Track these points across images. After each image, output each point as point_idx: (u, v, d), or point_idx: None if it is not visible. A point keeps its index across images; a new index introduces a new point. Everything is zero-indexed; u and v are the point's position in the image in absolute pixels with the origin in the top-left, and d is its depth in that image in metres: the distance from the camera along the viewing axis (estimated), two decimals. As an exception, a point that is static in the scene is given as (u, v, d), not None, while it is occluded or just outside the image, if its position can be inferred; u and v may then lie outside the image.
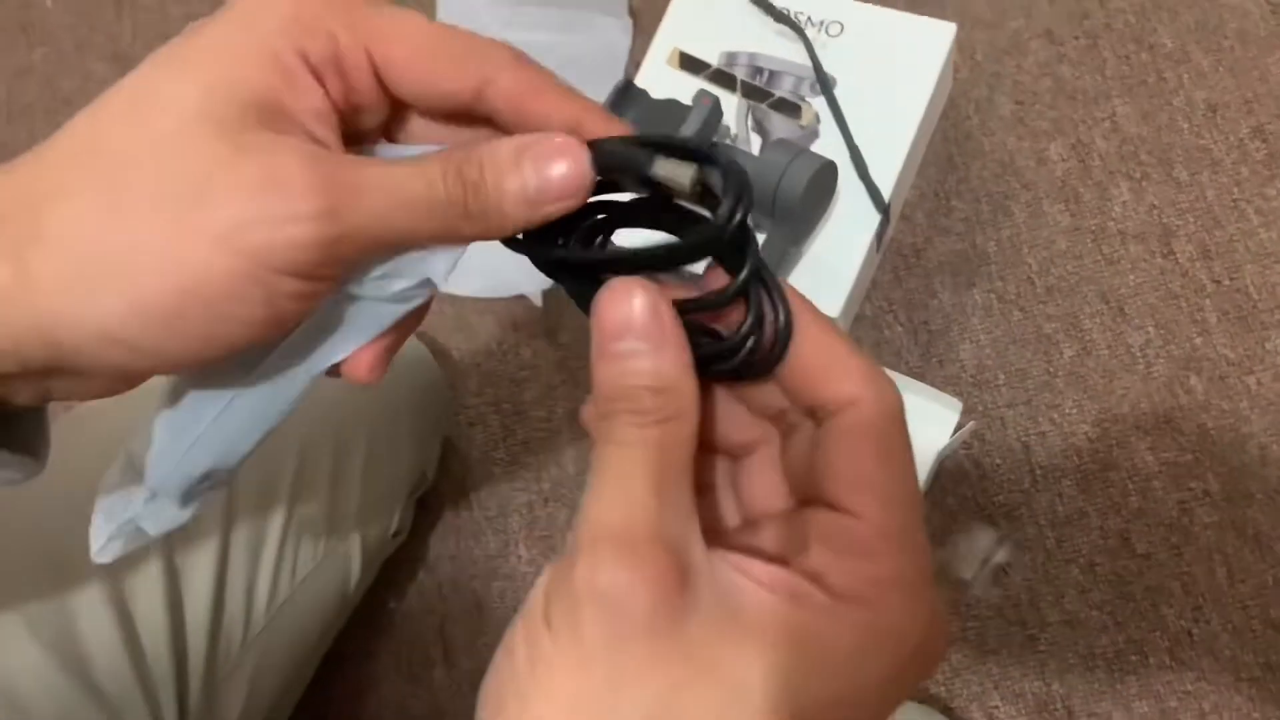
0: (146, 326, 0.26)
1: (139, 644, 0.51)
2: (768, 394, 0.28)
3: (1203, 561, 0.65)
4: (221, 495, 0.55)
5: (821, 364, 0.26)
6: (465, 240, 0.28)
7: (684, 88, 0.72)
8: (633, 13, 0.83)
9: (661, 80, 0.73)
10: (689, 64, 0.73)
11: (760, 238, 0.66)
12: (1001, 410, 0.70)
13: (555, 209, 0.27)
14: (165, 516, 0.34)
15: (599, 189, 0.28)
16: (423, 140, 0.31)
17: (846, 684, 0.24)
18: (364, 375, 0.31)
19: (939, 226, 0.74)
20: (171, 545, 0.54)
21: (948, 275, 0.73)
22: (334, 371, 0.31)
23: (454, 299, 0.80)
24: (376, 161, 0.27)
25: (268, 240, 0.25)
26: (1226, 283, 0.69)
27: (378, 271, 0.29)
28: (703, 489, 0.30)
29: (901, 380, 0.68)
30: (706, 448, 0.29)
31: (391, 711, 0.74)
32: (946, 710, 0.66)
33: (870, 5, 0.71)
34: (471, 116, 0.29)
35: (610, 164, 0.28)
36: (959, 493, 0.69)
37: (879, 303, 0.73)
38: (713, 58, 0.73)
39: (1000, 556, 0.67)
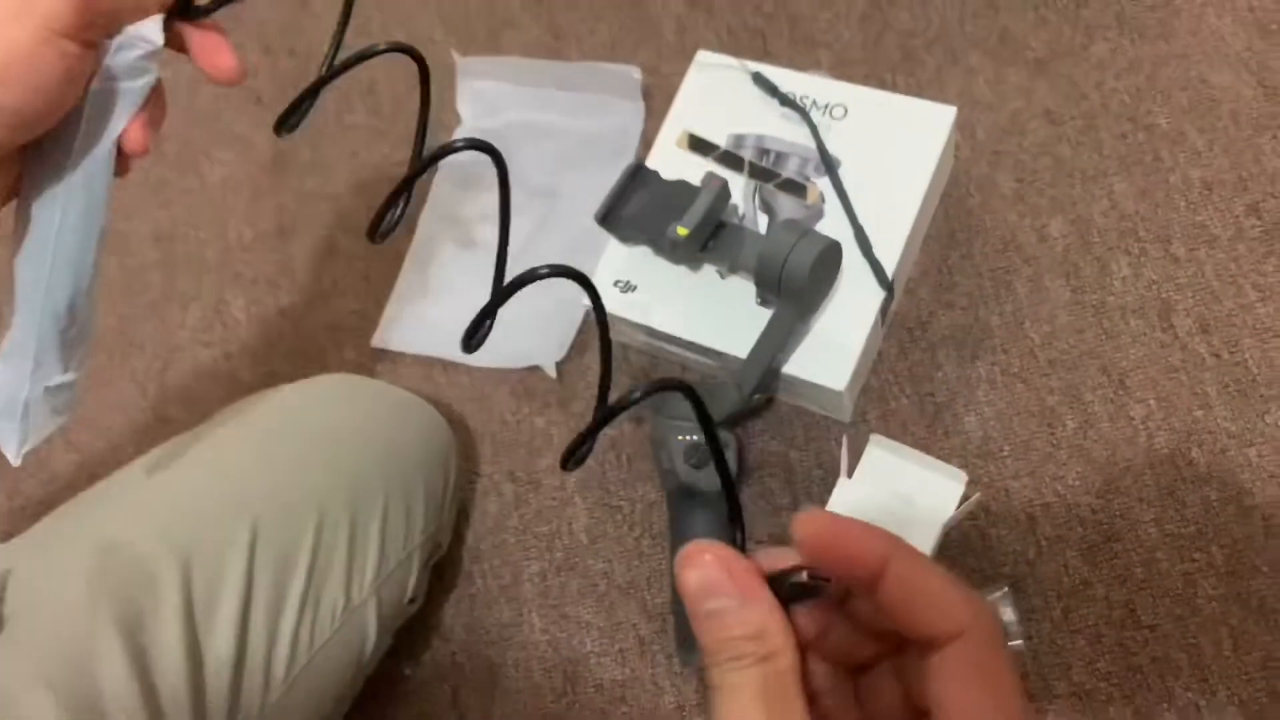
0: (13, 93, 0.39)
1: (159, 709, 0.53)
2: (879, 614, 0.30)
3: (1208, 633, 0.65)
4: (240, 560, 0.57)
5: (918, 601, 0.28)
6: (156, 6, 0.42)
7: (693, 168, 0.75)
8: (645, 95, 0.86)
9: (672, 161, 0.75)
10: (698, 145, 0.76)
11: (768, 314, 0.68)
12: (1006, 481, 0.71)
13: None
14: (52, 384, 0.44)
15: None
16: None
17: None
18: (137, 146, 0.44)
19: (943, 301, 0.76)
20: (193, 610, 0.55)
21: (952, 349, 0.74)
22: (121, 168, 0.44)
23: (469, 370, 0.82)
24: None
25: (51, 11, 0.39)
26: (1226, 356, 0.70)
27: (117, 48, 0.41)
28: (828, 701, 0.32)
29: (907, 452, 0.69)
30: (831, 662, 0.32)
31: (405, 780, 0.74)
32: (956, 782, 0.66)
33: (873, 90, 0.74)
34: None
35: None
36: (965, 563, 0.70)
37: (885, 375, 0.75)
38: (721, 139, 0.76)
39: (1007, 615, 0.68)
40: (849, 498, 0.68)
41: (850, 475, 0.70)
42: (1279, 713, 0.63)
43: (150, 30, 0.42)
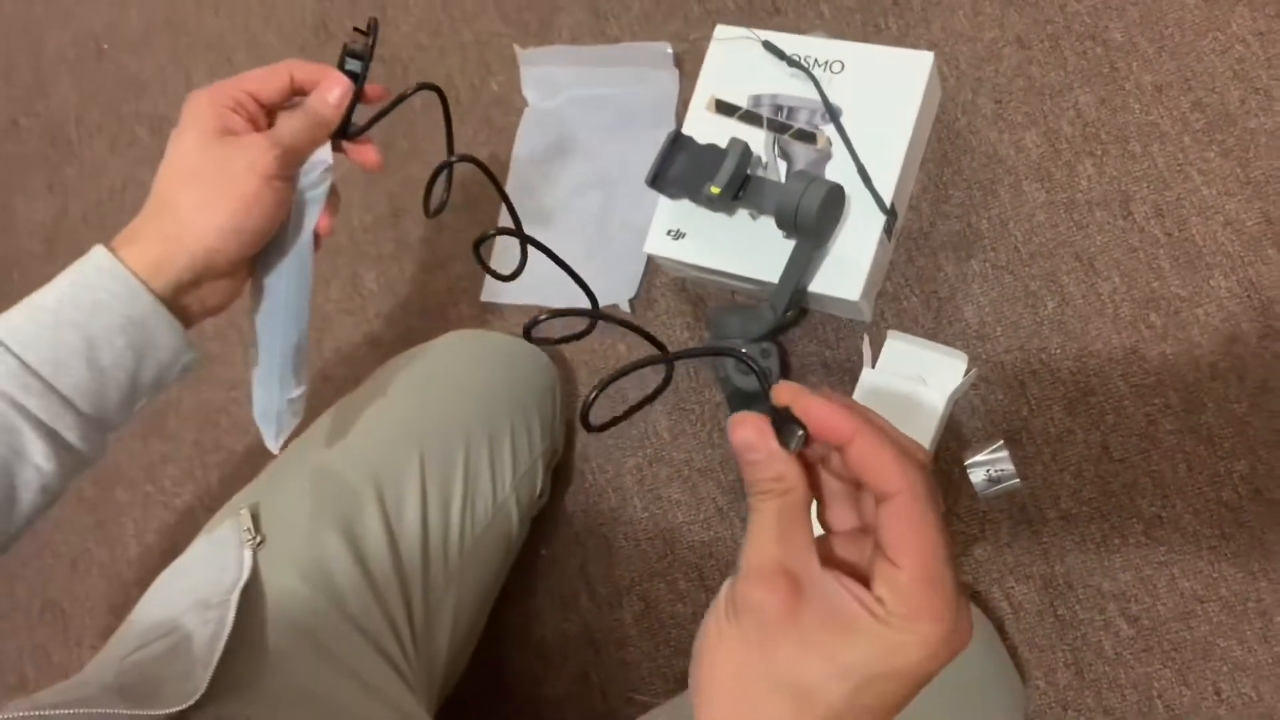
0: (236, 219, 0.59)
1: (374, 580, 0.74)
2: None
3: (1168, 460, 0.82)
4: (416, 474, 0.78)
5: (873, 467, 0.39)
6: (321, 140, 0.64)
7: (723, 128, 0.91)
8: (677, 62, 1.01)
9: (704, 124, 0.92)
10: (724, 108, 0.92)
11: (790, 245, 0.85)
12: (1000, 356, 0.87)
13: (341, 105, 0.64)
14: (293, 396, 0.68)
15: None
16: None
17: (893, 664, 0.38)
18: (325, 230, 0.65)
19: (940, 212, 0.91)
20: (387, 512, 0.76)
21: (950, 252, 0.90)
22: (316, 246, 0.66)
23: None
24: (280, 122, 0.63)
25: (262, 167, 0.59)
26: (1176, 234, 0.85)
27: (305, 171, 0.63)
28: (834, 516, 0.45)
29: (918, 341, 0.87)
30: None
31: (552, 633, 0.96)
32: (973, 595, 0.85)
33: (863, 45, 0.89)
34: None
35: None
36: (971, 424, 0.87)
37: (897, 280, 0.91)
38: (742, 100, 0.91)
39: (1005, 463, 0.85)
40: (874, 383, 0.86)
41: (874, 366, 0.87)
42: (1222, 516, 0.80)
43: (324, 154, 0.64)
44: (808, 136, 0.89)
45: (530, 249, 0.58)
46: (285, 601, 0.70)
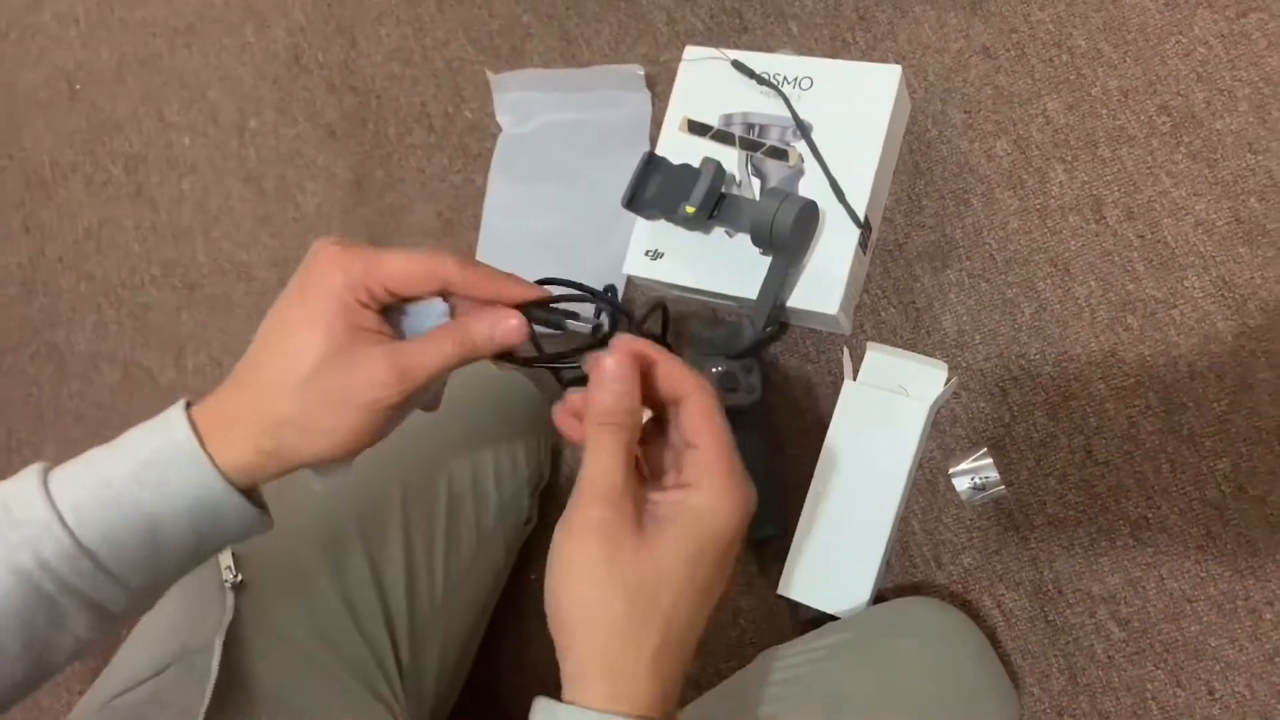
0: (339, 450, 0.53)
1: (357, 613, 0.74)
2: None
3: (1151, 461, 0.82)
4: (398, 512, 0.78)
5: (670, 384, 0.50)
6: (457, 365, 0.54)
7: (695, 148, 0.91)
8: (649, 84, 1.02)
9: (677, 144, 0.92)
10: (696, 128, 0.92)
11: (768, 261, 0.85)
12: (980, 364, 0.88)
13: (505, 343, 0.54)
14: None
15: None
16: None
17: (711, 527, 0.48)
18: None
19: (914, 223, 0.92)
20: (370, 549, 0.76)
21: (926, 262, 0.91)
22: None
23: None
24: (415, 346, 0.52)
25: (381, 403, 0.51)
26: (1149, 236, 0.86)
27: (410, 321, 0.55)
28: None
29: (897, 352, 0.87)
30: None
31: (544, 658, 0.96)
32: (964, 604, 0.85)
33: (832, 60, 0.89)
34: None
35: (538, 321, 0.56)
36: (954, 433, 0.87)
37: (874, 292, 0.92)
38: (714, 120, 0.92)
39: (989, 471, 0.85)
40: (856, 395, 0.86)
41: (855, 378, 0.88)
42: (1207, 515, 0.80)
43: (438, 306, 0.55)
44: (780, 153, 0.89)
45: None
46: (269, 642, 0.69)
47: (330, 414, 0.51)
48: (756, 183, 0.89)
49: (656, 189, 0.89)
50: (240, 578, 0.70)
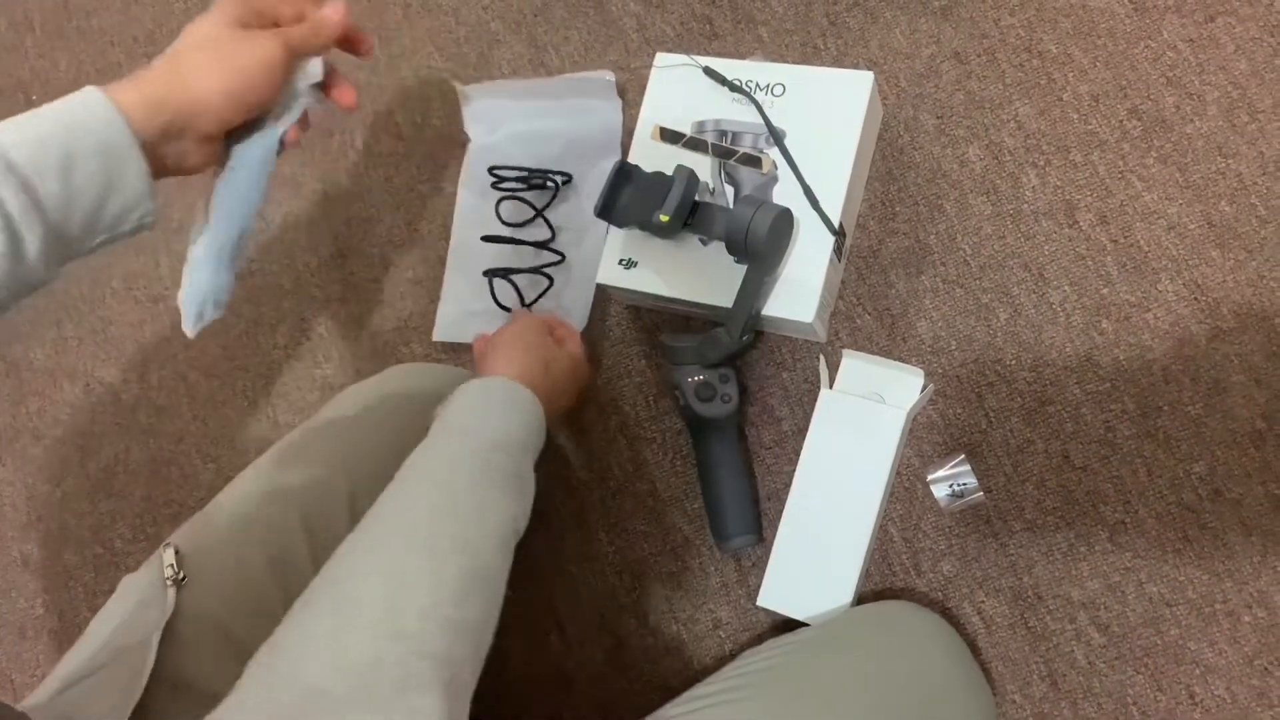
0: (236, 86, 0.64)
1: None
2: None
3: (1127, 465, 0.82)
4: (345, 509, 0.77)
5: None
6: (321, 49, 0.70)
7: (667, 156, 0.90)
8: (620, 91, 1.01)
9: (649, 152, 0.91)
10: (668, 136, 0.91)
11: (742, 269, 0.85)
12: (956, 370, 0.87)
13: (339, 22, 0.70)
14: (222, 287, 0.70)
15: None
16: None
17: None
18: (292, 140, 0.71)
19: (888, 229, 0.91)
20: (315, 543, 0.76)
21: (900, 268, 0.90)
22: (281, 147, 0.71)
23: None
24: (295, 29, 0.68)
25: (268, 55, 0.65)
26: (1122, 240, 0.86)
27: (299, 77, 0.69)
28: None
29: (873, 359, 0.86)
30: None
31: (523, 675, 0.95)
32: (944, 611, 0.84)
33: (804, 66, 0.89)
34: None
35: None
36: (931, 439, 0.87)
37: (849, 299, 0.91)
38: (686, 127, 0.91)
39: (968, 477, 0.85)
40: (833, 402, 0.86)
41: (831, 386, 0.87)
42: (1184, 519, 0.81)
43: (316, 68, 0.70)
44: (753, 161, 0.88)
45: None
46: (211, 640, 0.70)
47: (229, 56, 0.64)
48: (730, 190, 0.89)
49: (629, 198, 0.87)
50: (183, 575, 0.70)
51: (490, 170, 1.01)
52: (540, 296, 0.98)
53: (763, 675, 0.72)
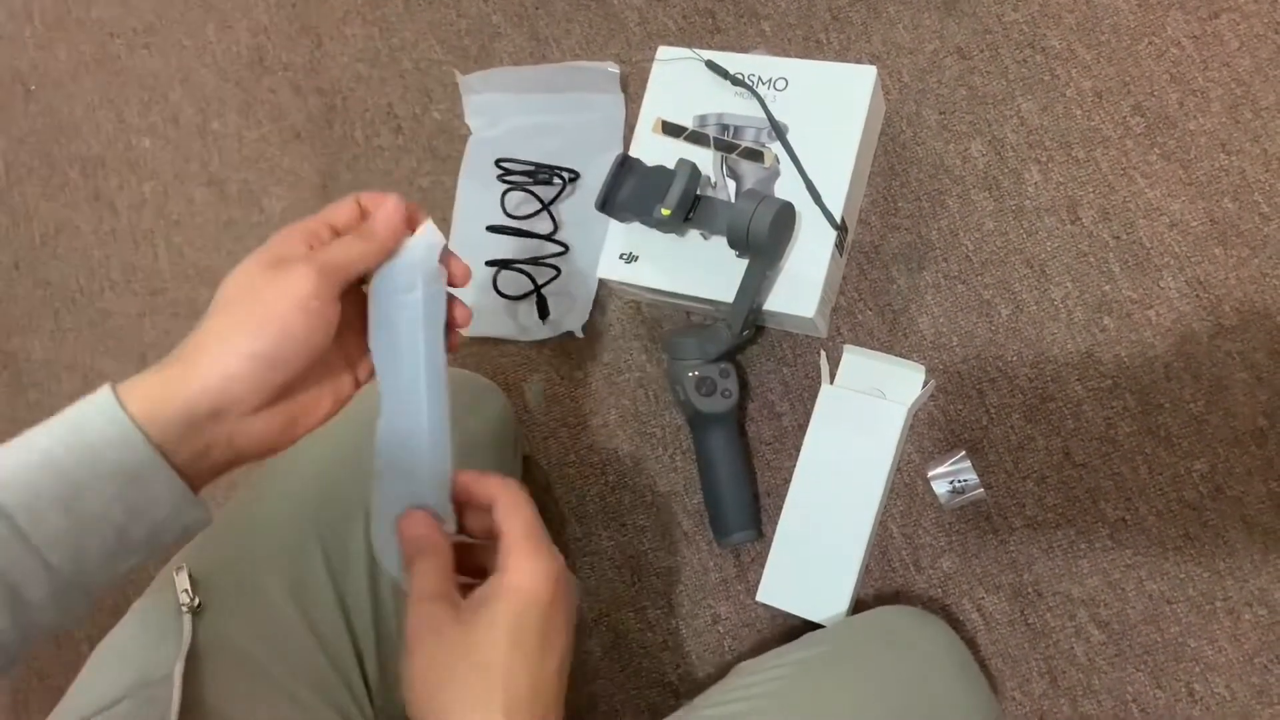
0: (257, 343, 0.51)
1: (321, 631, 0.71)
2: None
3: (1128, 462, 0.82)
4: (360, 526, 0.76)
5: (480, 490, 0.58)
6: (374, 257, 0.56)
7: (669, 150, 0.90)
8: (622, 84, 1.01)
9: (651, 146, 0.91)
10: (670, 129, 0.91)
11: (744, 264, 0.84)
12: (957, 366, 0.87)
13: (396, 221, 0.56)
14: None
15: None
16: None
17: (524, 599, 0.53)
18: (453, 344, 0.61)
19: (890, 225, 0.91)
20: (333, 565, 0.74)
21: (902, 264, 0.90)
22: (449, 346, 0.60)
23: (518, 344, 0.99)
24: (331, 244, 0.55)
25: (293, 289, 0.51)
26: (1124, 237, 0.85)
27: (382, 280, 0.57)
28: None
29: (874, 355, 0.86)
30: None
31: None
32: (943, 609, 0.84)
33: (806, 61, 0.89)
34: None
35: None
36: (932, 436, 0.87)
37: (850, 295, 0.91)
38: (688, 121, 0.91)
39: (968, 473, 0.85)
40: (833, 398, 0.86)
41: (832, 381, 0.87)
42: (1185, 516, 0.80)
43: (427, 239, 0.58)
44: (755, 155, 0.88)
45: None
46: (229, 667, 0.67)
47: (249, 309, 0.52)
48: (732, 184, 0.88)
49: (630, 191, 0.87)
50: (198, 601, 0.67)
51: (497, 163, 1.01)
52: (548, 283, 0.97)
53: (767, 701, 0.70)
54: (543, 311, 0.96)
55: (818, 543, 0.83)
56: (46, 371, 1.18)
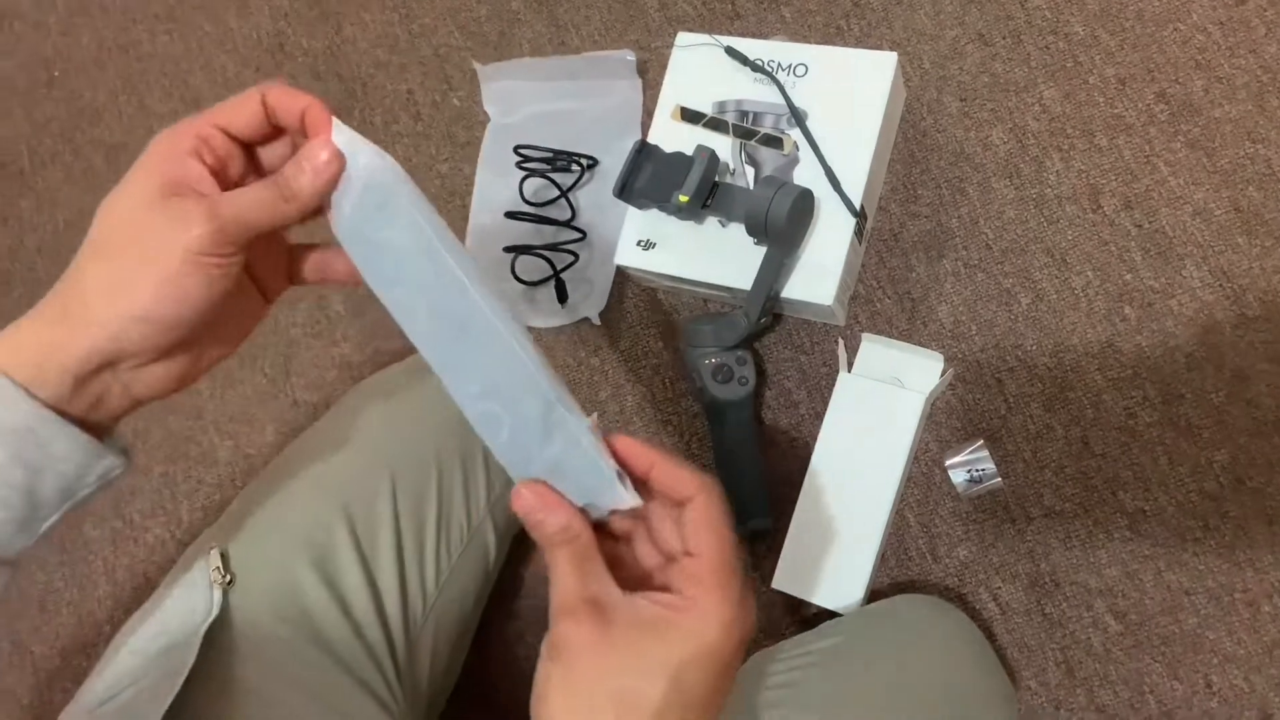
0: (144, 305, 0.46)
1: (349, 606, 0.72)
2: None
3: (1148, 453, 0.81)
4: (388, 504, 0.76)
5: (674, 480, 0.48)
6: (293, 216, 0.48)
7: (688, 136, 0.90)
8: (641, 70, 1.00)
9: (669, 132, 0.91)
10: (689, 116, 0.91)
11: (761, 251, 0.84)
12: (976, 355, 0.87)
13: (328, 177, 0.47)
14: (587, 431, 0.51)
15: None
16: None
17: (699, 645, 0.45)
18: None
19: (910, 212, 0.91)
20: (361, 546, 0.74)
21: (921, 252, 0.90)
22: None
23: (535, 329, 0.99)
24: (239, 192, 0.48)
25: (187, 242, 0.46)
26: (1146, 226, 0.85)
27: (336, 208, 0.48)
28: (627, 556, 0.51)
29: (893, 343, 0.86)
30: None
31: (537, 654, 0.95)
32: (959, 597, 0.84)
33: (827, 47, 0.88)
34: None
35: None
36: (950, 425, 0.86)
37: (869, 282, 0.90)
38: (707, 107, 0.90)
39: (986, 462, 0.84)
40: (851, 386, 0.85)
41: (850, 369, 0.87)
42: (1205, 508, 0.80)
43: (363, 154, 0.48)
44: (774, 141, 0.88)
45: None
46: (260, 640, 0.68)
47: (136, 258, 0.46)
48: (750, 171, 0.88)
49: (648, 178, 0.87)
50: (229, 577, 0.68)
51: (516, 149, 1.01)
52: (565, 269, 0.97)
53: (787, 691, 0.70)
54: (561, 296, 0.96)
55: (834, 531, 0.83)
56: (69, 355, 1.19)
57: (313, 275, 0.55)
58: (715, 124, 0.90)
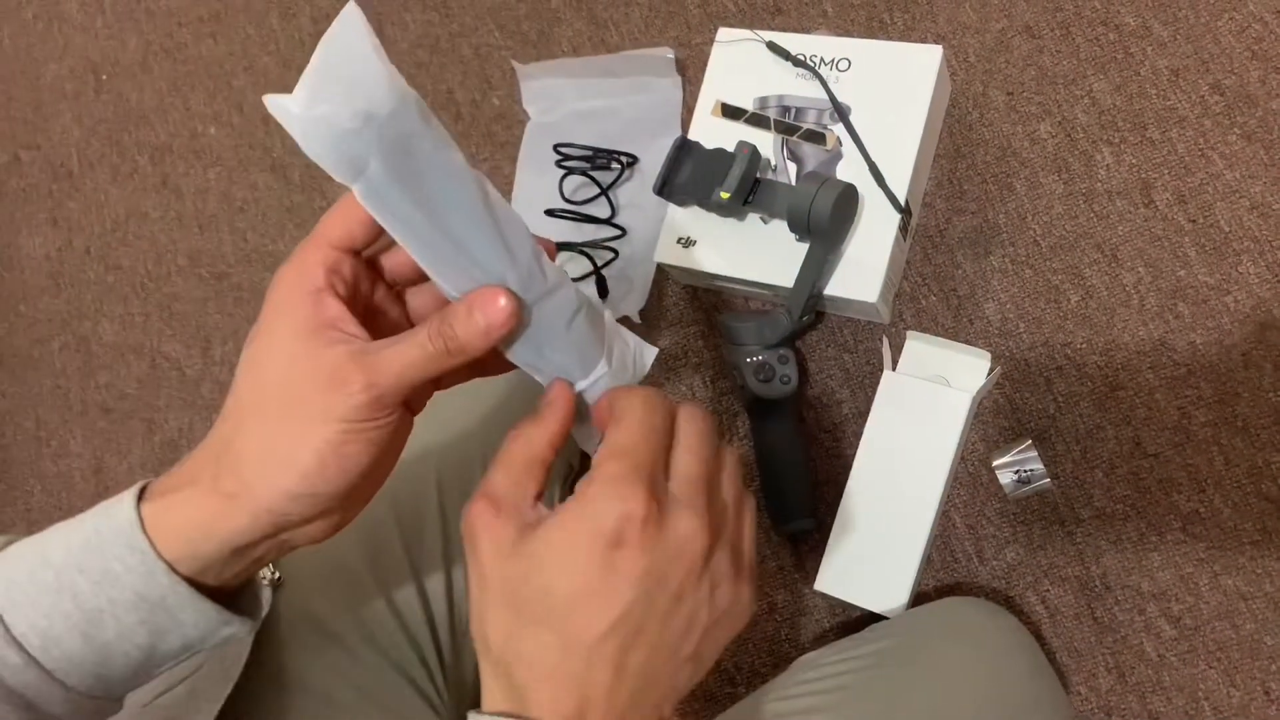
0: (307, 482, 0.43)
1: (396, 604, 0.72)
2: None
3: (1202, 453, 0.79)
4: (435, 507, 0.76)
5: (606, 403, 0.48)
6: (456, 366, 0.44)
7: (728, 132, 0.89)
8: (680, 67, 1.00)
9: (710, 129, 0.90)
10: (730, 112, 0.90)
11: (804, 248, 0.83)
12: (1024, 353, 0.85)
13: (500, 334, 0.43)
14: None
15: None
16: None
17: (589, 518, 0.43)
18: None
19: (956, 208, 0.89)
20: (409, 542, 0.75)
21: (968, 248, 0.88)
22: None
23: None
24: (390, 342, 0.43)
25: (346, 412, 0.42)
26: (1200, 221, 0.83)
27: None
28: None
29: (938, 341, 0.84)
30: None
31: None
32: (1007, 600, 0.82)
33: (870, 41, 0.87)
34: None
35: None
36: (997, 424, 0.85)
37: (914, 279, 0.89)
38: (748, 103, 0.90)
39: (1035, 463, 0.83)
40: (895, 385, 0.84)
41: (894, 368, 0.85)
42: (1263, 510, 0.77)
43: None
44: (817, 137, 0.87)
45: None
46: (311, 640, 0.68)
47: (292, 429, 0.43)
48: (793, 167, 0.87)
49: (689, 175, 0.86)
50: (279, 576, 0.69)
51: (555, 148, 1.00)
52: (606, 265, 0.97)
53: (839, 695, 0.68)
54: (602, 291, 0.96)
55: (878, 532, 0.82)
56: (116, 354, 1.21)
57: (462, 377, 0.51)
58: (757, 120, 0.89)
